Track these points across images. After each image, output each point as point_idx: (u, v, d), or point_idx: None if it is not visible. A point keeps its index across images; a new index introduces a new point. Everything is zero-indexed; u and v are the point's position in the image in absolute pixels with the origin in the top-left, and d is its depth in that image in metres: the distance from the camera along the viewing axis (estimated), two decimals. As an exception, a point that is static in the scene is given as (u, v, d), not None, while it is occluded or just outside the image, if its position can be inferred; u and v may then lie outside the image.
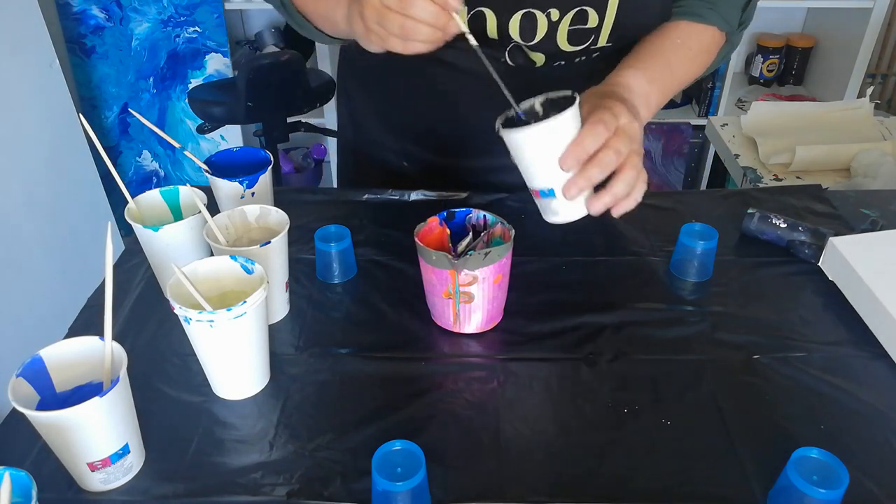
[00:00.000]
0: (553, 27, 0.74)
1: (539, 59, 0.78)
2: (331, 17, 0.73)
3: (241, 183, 0.76)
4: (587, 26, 0.75)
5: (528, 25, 0.73)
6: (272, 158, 0.80)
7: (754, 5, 0.82)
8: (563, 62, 0.79)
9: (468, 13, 0.72)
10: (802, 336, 0.69)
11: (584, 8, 0.73)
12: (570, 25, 0.74)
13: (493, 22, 0.73)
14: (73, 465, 0.53)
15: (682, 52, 0.77)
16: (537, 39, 0.75)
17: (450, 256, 0.63)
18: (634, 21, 0.77)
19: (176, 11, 1.97)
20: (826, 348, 0.67)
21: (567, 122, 0.59)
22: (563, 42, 0.76)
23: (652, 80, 0.73)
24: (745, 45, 2.37)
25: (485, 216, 0.69)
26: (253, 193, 0.77)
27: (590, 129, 0.60)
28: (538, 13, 0.73)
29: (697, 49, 0.78)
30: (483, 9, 0.72)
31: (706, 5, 0.78)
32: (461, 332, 0.69)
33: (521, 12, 0.72)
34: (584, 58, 0.79)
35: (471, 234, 0.69)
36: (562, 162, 0.60)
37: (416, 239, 0.65)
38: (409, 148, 0.93)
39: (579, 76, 0.76)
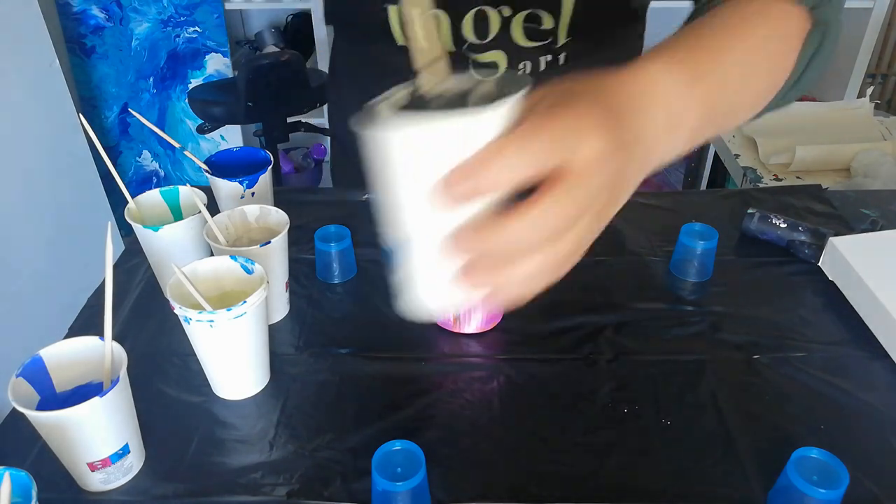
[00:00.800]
0: (506, 22, 0.72)
1: (501, 59, 0.74)
2: None
3: (241, 183, 0.76)
4: (542, 27, 0.72)
5: (482, 24, 0.72)
6: (272, 158, 0.80)
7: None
8: (528, 65, 0.75)
9: (421, 14, 0.71)
10: (802, 336, 0.69)
11: (536, 11, 0.71)
12: (524, 22, 0.72)
13: (447, 25, 0.72)
14: (73, 465, 0.53)
15: (745, 41, 0.47)
16: (491, 37, 0.73)
17: None
18: (595, 18, 0.70)
19: (176, 11, 1.97)
20: (826, 348, 0.67)
21: (478, 129, 0.34)
22: (519, 37, 0.72)
23: (696, 78, 0.41)
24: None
25: None
26: (253, 193, 0.77)
27: (524, 214, 0.33)
28: (490, 10, 0.71)
29: (765, 36, 0.48)
30: (436, 10, 0.71)
31: None
32: (461, 332, 0.69)
33: (473, 10, 0.71)
34: (549, 58, 0.75)
35: None
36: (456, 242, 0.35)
37: None
38: None
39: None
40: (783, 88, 0.51)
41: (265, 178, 0.78)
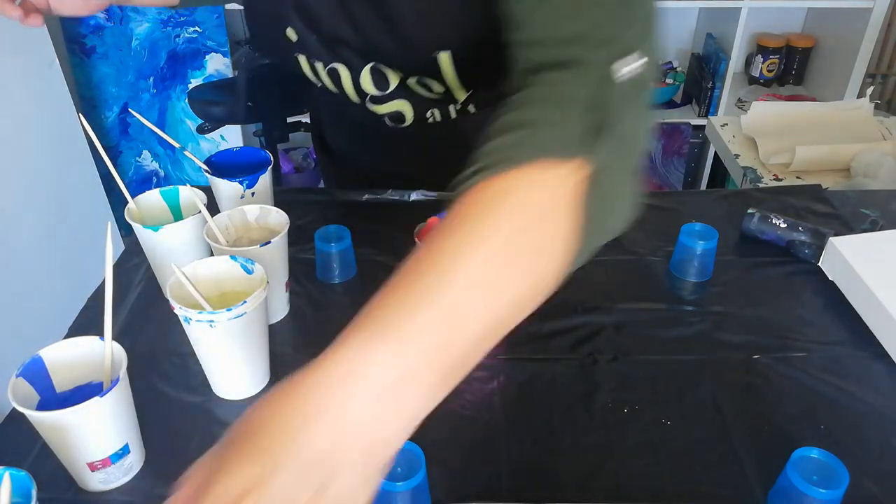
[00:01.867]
0: (403, 78, 0.71)
1: (406, 109, 0.73)
2: None
3: (241, 183, 0.75)
4: (434, 91, 0.71)
5: (379, 78, 0.71)
6: (272, 158, 0.80)
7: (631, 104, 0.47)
8: (436, 114, 0.74)
9: (325, 67, 0.72)
10: (802, 336, 0.69)
11: (424, 78, 0.70)
12: (417, 84, 0.71)
13: (348, 75, 0.72)
14: (73, 465, 0.53)
15: (497, 235, 0.40)
16: (391, 88, 0.72)
17: None
18: (485, 83, 0.68)
19: (176, 11, 1.97)
20: (826, 348, 0.67)
21: None
22: (418, 89, 0.71)
23: (407, 335, 0.37)
24: (745, 44, 2.37)
25: None
26: (253, 193, 0.77)
27: None
28: (383, 67, 0.70)
29: (529, 219, 0.41)
30: (335, 64, 0.71)
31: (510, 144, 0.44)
32: None
33: (368, 66, 0.70)
34: (458, 106, 0.74)
35: None
36: None
37: (417, 239, 0.65)
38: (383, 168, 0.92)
39: (471, 130, 0.48)
40: (574, 259, 0.44)
41: (265, 179, 0.78)
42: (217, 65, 2.04)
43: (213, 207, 0.72)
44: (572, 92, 0.44)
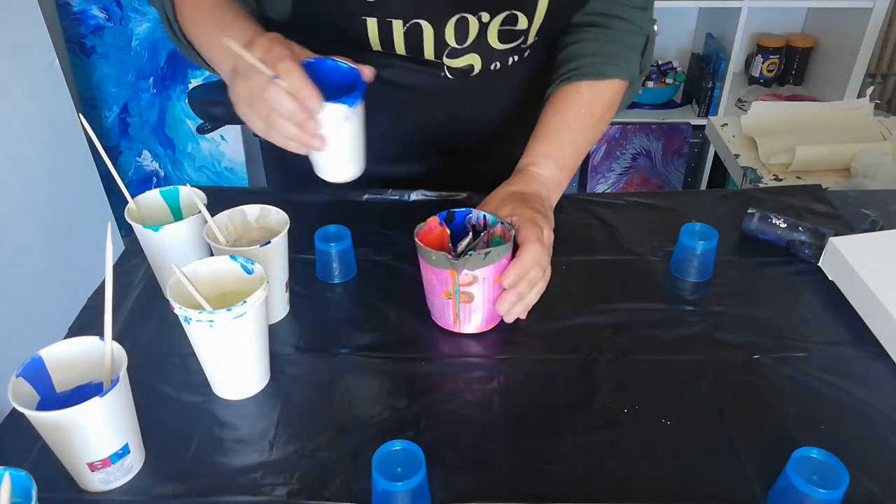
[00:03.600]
0: (483, 28, 0.76)
1: (476, 62, 0.79)
2: (214, 60, 0.73)
3: (345, 103, 0.63)
4: (517, 27, 0.77)
5: (461, 29, 0.75)
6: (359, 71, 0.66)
7: (651, 52, 0.84)
8: (497, 64, 0.80)
9: (404, 25, 0.73)
10: (802, 336, 0.69)
11: (514, 12, 0.75)
12: (500, 26, 0.76)
13: (430, 31, 0.74)
14: (73, 465, 0.53)
15: (587, 121, 0.79)
16: (469, 42, 0.77)
17: (450, 256, 0.63)
18: (560, 20, 0.79)
19: (176, 11, 1.97)
20: (826, 348, 0.67)
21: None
22: (493, 41, 0.77)
23: (563, 167, 0.78)
24: (745, 44, 2.37)
25: (485, 216, 0.69)
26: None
27: (530, 250, 0.65)
28: (470, 16, 0.74)
29: (601, 112, 0.80)
30: (419, 21, 0.73)
31: (604, 60, 0.79)
32: (461, 332, 0.69)
33: (454, 18, 0.74)
34: (516, 58, 0.81)
35: (471, 234, 0.69)
36: (504, 279, 0.65)
37: (416, 239, 0.65)
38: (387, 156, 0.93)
39: (523, 81, 0.86)
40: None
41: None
42: (217, 65, 2.04)
43: (213, 207, 0.72)
44: (631, 40, 0.82)
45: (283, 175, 1.02)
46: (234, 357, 0.60)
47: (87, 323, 0.71)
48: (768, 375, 0.64)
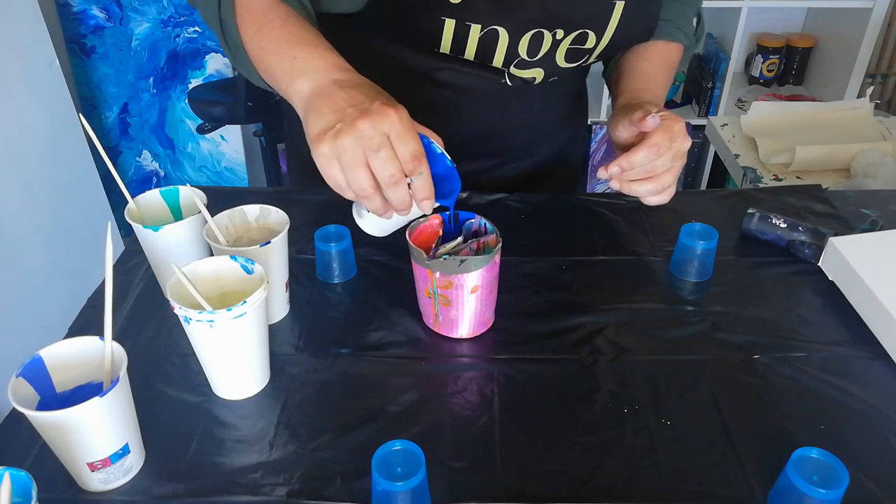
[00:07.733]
0: (555, 45, 0.78)
1: (539, 75, 0.81)
2: (272, 73, 0.66)
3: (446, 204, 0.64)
4: (584, 46, 0.79)
5: (535, 44, 0.77)
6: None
7: (703, 28, 0.92)
8: (556, 77, 0.83)
9: (482, 30, 0.74)
10: (802, 336, 0.69)
11: (586, 30, 0.77)
12: (570, 44, 0.78)
13: (505, 40, 0.75)
14: (73, 465, 0.53)
15: (667, 72, 0.88)
16: (539, 56, 0.79)
17: (425, 256, 0.63)
18: (624, 42, 0.83)
19: (176, 11, 1.97)
20: (826, 348, 0.67)
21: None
22: (560, 59, 0.80)
23: (659, 104, 0.82)
24: (745, 44, 2.37)
25: (485, 224, 0.68)
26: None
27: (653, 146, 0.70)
28: (546, 32, 0.76)
29: (672, 66, 0.89)
30: (497, 27, 0.74)
31: (672, 24, 0.86)
32: (440, 332, 0.69)
33: (532, 31, 0.75)
34: (572, 71, 0.85)
35: (461, 238, 0.69)
36: (609, 168, 0.71)
37: (406, 233, 0.66)
38: None
39: (567, 91, 0.93)
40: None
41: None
42: (217, 65, 2.04)
43: (213, 208, 0.72)
44: (687, 12, 0.88)
45: (304, 170, 0.99)
46: (234, 357, 0.60)
47: (87, 323, 0.71)
48: (768, 375, 0.64)
